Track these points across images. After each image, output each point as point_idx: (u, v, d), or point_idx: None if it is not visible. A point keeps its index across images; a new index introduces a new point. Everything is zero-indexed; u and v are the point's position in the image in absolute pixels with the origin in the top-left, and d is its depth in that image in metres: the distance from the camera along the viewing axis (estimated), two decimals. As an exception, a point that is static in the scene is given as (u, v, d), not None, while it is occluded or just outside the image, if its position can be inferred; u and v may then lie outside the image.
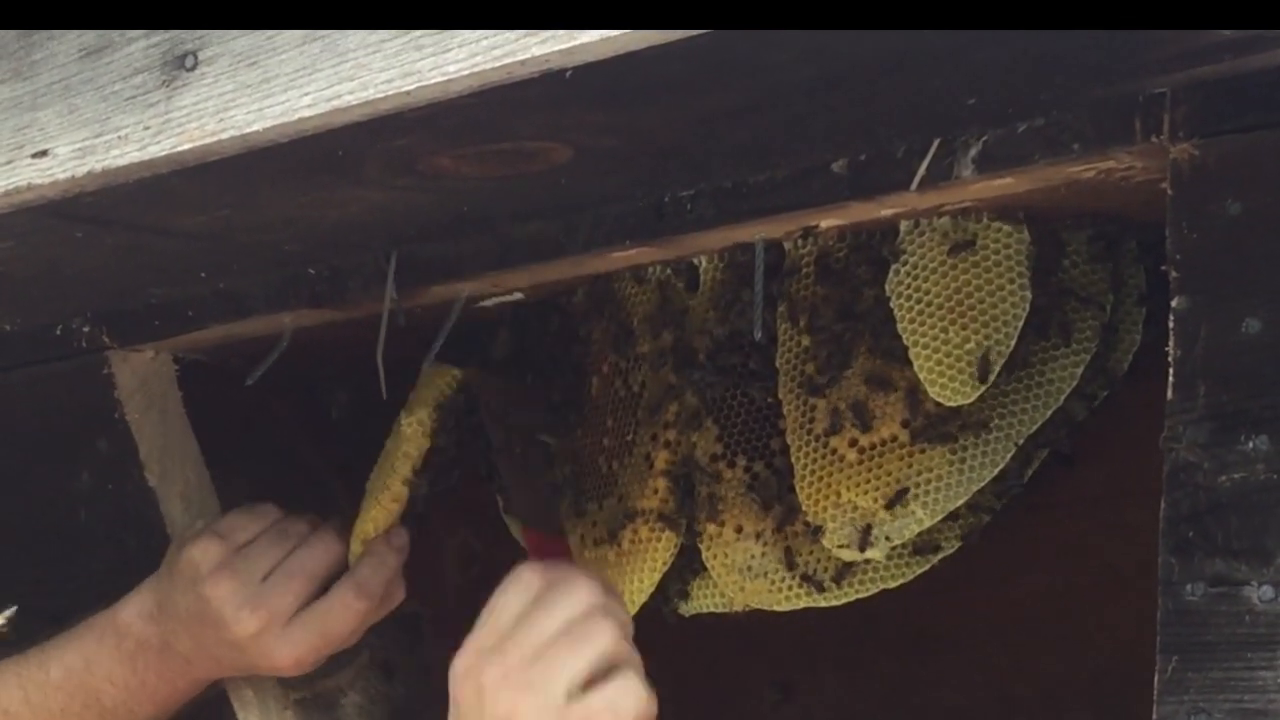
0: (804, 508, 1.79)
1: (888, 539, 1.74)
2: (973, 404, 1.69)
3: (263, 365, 1.93)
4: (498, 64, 1.26)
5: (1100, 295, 1.72)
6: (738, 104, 1.44)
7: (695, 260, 1.86)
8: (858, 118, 1.51)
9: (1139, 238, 1.71)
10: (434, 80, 1.29)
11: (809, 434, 1.79)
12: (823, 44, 1.30)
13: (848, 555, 1.76)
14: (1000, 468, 1.72)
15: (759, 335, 1.77)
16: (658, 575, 1.87)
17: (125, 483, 2.03)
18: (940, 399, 1.69)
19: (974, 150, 1.55)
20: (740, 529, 1.84)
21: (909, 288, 1.71)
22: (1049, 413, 1.71)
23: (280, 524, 1.81)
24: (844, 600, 1.81)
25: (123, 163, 1.44)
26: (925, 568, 1.79)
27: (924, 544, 1.77)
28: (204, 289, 1.94)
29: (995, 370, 1.67)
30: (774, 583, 1.83)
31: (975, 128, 1.55)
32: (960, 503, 1.72)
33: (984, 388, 1.68)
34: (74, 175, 1.46)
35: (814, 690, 2.10)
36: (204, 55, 1.39)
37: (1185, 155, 1.45)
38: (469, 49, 1.27)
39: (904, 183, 1.60)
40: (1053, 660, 1.95)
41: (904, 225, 1.72)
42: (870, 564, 1.78)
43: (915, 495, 1.73)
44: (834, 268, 1.78)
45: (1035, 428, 1.72)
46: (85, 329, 2.03)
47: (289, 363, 1.93)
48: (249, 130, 1.38)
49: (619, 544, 1.89)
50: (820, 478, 1.78)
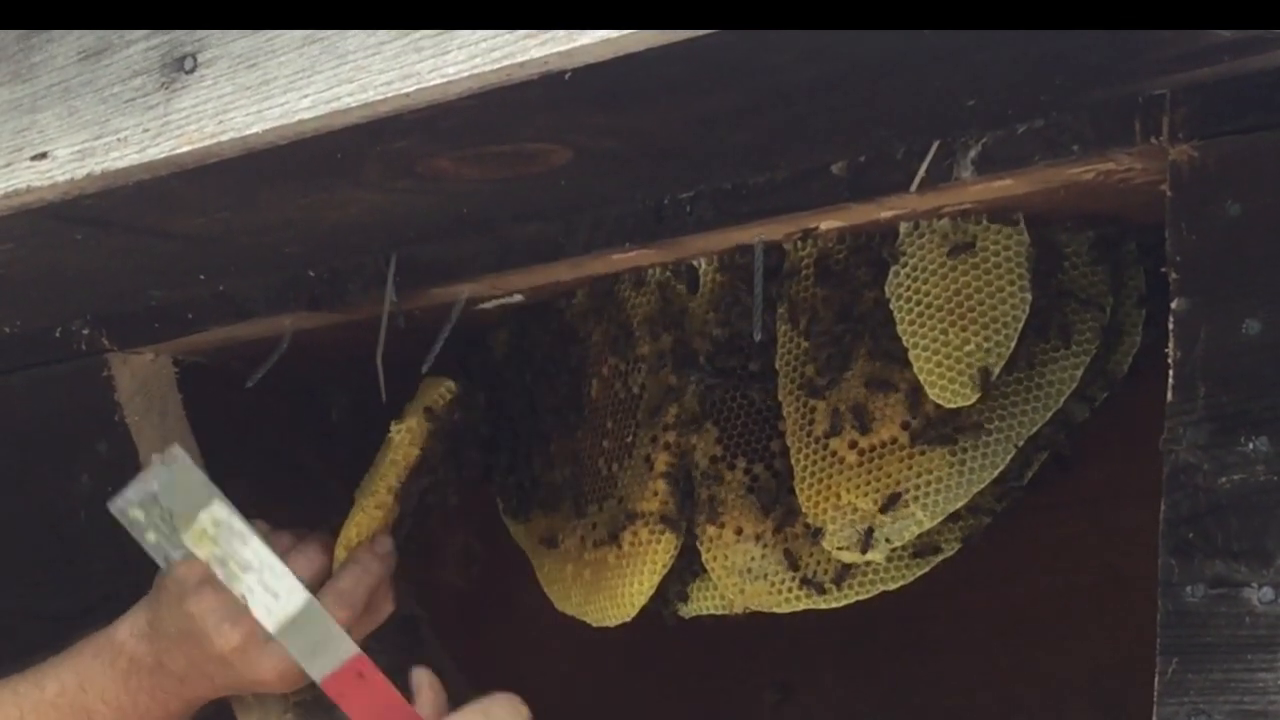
0: (804, 510, 1.79)
1: (888, 541, 1.74)
2: (972, 406, 1.69)
3: (263, 368, 1.93)
4: (497, 66, 1.26)
5: (1100, 297, 1.72)
6: (737, 106, 1.44)
7: (695, 262, 1.86)
8: (857, 119, 1.51)
9: (1139, 239, 1.71)
10: (433, 82, 1.29)
11: (809, 436, 1.79)
12: (822, 45, 1.30)
13: (848, 557, 1.76)
14: (1000, 469, 1.72)
15: (759, 337, 1.77)
16: (658, 577, 1.87)
17: (125, 485, 2.03)
18: (940, 401, 1.69)
19: (973, 152, 1.55)
20: (740, 531, 1.84)
21: (909, 289, 1.71)
22: (1049, 414, 1.71)
23: (266, 539, 1.80)
24: (844, 602, 1.81)
25: (122, 165, 1.44)
26: (925, 569, 1.78)
27: (924, 546, 1.77)
28: (204, 291, 1.94)
29: (995, 372, 1.67)
30: (774, 585, 1.82)
31: (975, 129, 1.55)
32: (960, 504, 1.72)
33: (984, 390, 1.68)
34: (73, 178, 1.46)
35: (814, 691, 2.10)
36: (203, 58, 1.39)
37: (1185, 157, 1.45)
38: (468, 51, 1.27)
39: (903, 184, 1.60)
40: (1053, 662, 1.94)
41: (904, 227, 1.72)
42: (870, 566, 1.78)
43: (915, 497, 1.72)
44: (834, 269, 1.78)
45: (1035, 429, 1.72)
46: (85, 331, 2.03)
47: (289, 365, 1.93)
48: (248, 132, 1.38)
49: (619, 546, 1.89)
50: (820, 480, 1.78)
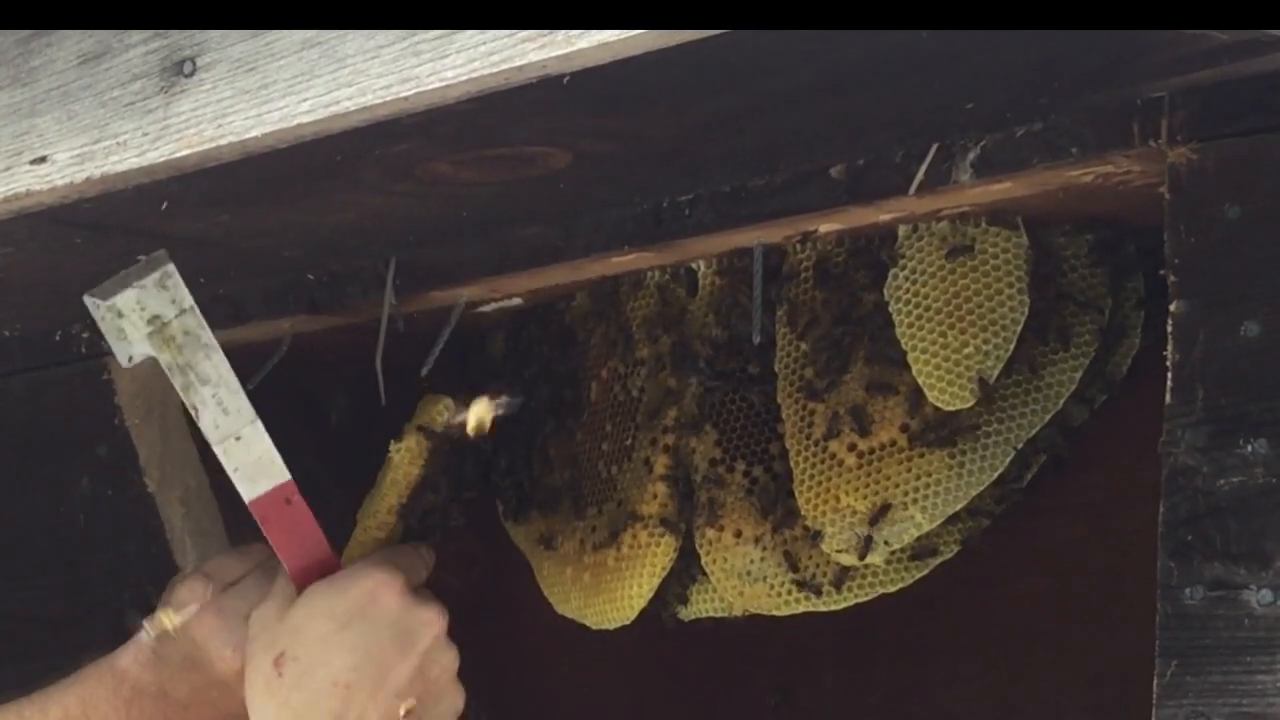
0: (803, 512, 1.79)
1: (886, 543, 1.74)
2: (971, 408, 1.69)
3: (262, 371, 1.93)
4: (495, 69, 1.26)
5: (1099, 299, 1.72)
6: (736, 109, 1.44)
7: (694, 265, 1.86)
8: (855, 122, 1.51)
9: (1137, 242, 1.71)
10: (432, 86, 1.29)
11: (808, 439, 1.79)
12: (820, 49, 1.30)
13: (847, 560, 1.76)
14: (999, 472, 1.72)
15: (758, 340, 1.77)
16: (657, 579, 1.87)
17: (125, 488, 2.03)
18: (939, 404, 1.69)
19: (972, 155, 1.55)
20: (739, 533, 1.84)
21: (907, 292, 1.71)
22: (1048, 417, 1.71)
23: (268, 564, 1.80)
24: (843, 605, 1.81)
25: (121, 169, 1.44)
26: (924, 572, 1.78)
27: (923, 548, 1.77)
28: (203, 295, 1.92)
29: (994, 375, 1.67)
30: (773, 587, 1.82)
31: (973, 132, 1.55)
32: (959, 507, 1.72)
33: (982, 392, 1.68)
34: (73, 181, 1.46)
35: (814, 694, 2.10)
36: (202, 61, 1.39)
37: (1183, 159, 1.45)
38: (466, 55, 1.27)
39: (902, 187, 1.60)
40: (1052, 664, 1.94)
41: (902, 230, 1.72)
42: (869, 568, 1.78)
43: (914, 499, 1.72)
44: (833, 272, 1.78)
45: (1034, 432, 1.72)
46: (85, 335, 2.03)
47: (288, 368, 1.93)
48: (247, 136, 1.38)
49: (618, 548, 1.89)
50: (819, 482, 1.78)
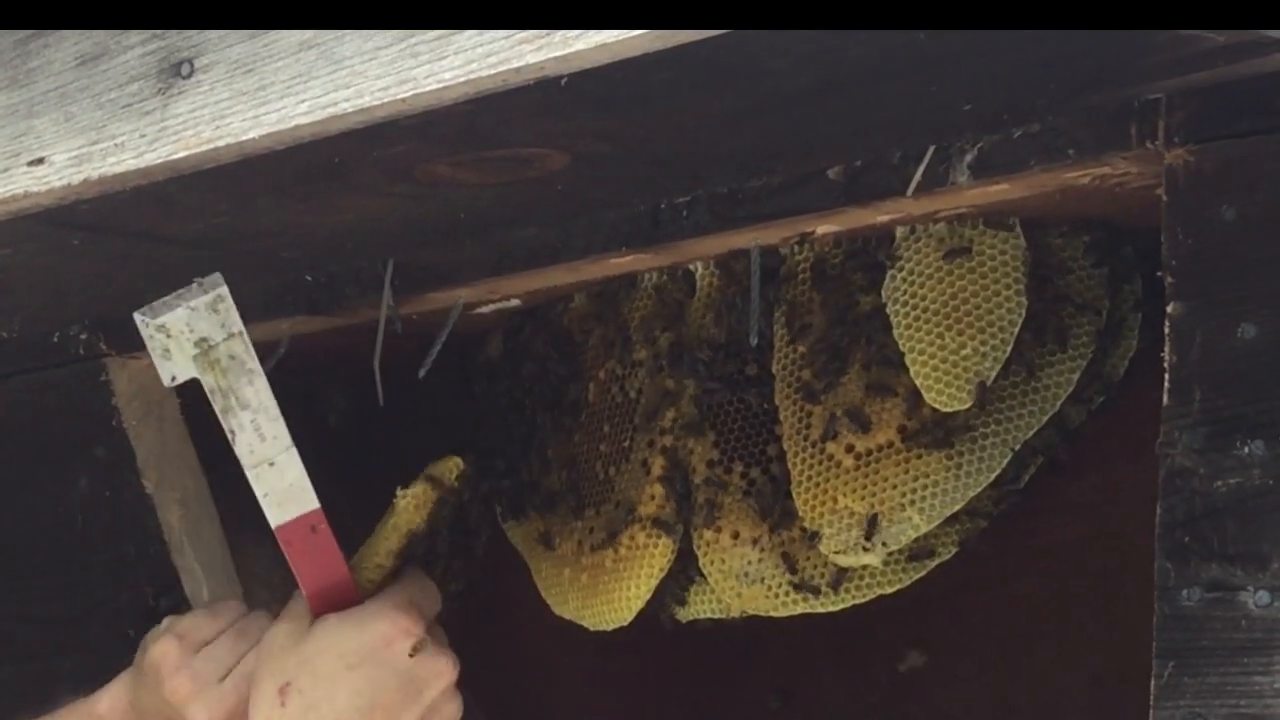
0: (801, 514, 1.79)
1: (884, 545, 1.74)
2: (969, 409, 1.69)
3: (260, 372, 1.93)
4: (493, 71, 1.26)
5: (1096, 301, 1.72)
6: (733, 110, 1.44)
7: (692, 266, 1.86)
8: (853, 124, 1.51)
9: (1135, 243, 1.71)
10: (430, 88, 1.29)
11: (806, 440, 1.79)
12: (818, 50, 1.30)
13: (845, 561, 1.76)
14: (996, 473, 1.72)
15: (755, 341, 1.77)
16: (655, 581, 1.87)
17: (123, 489, 2.03)
18: (936, 405, 1.69)
19: (969, 156, 1.56)
20: (737, 535, 1.84)
21: (905, 293, 1.71)
22: (1045, 418, 1.72)
23: (242, 623, 1.80)
24: (841, 606, 1.81)
25: (119, 170, 1.44)
26: (922, 573, 1.78)
27: (920, 549, 1.77)
28: (200, 295, 1.94)
29: (991, 376, 1.68)
30: (771, 589, 1.82)
31: (971, 134, 1.55)
32: (957, 508, 1.72)
33: (980, 394, 1.68)
34: (70, 183, 1.46)
35: (814, 696, 2.10)
36: (200, 63, 1.39)
37: (1180, 161, 1.45)
38: (464, 56, 1.27)
39: (900, 189, 1.60)
40: (1050, 665, 1.94)
41: (900, 231, 1.72)
42: (867, 570, 1.78)
43: (911, 501, 1.72)
44: (830, 274, 1.78)
45: (1031, 433, 1.72)
46: (83, 336, 2.03)
47: (286, 369, 1.92)
48: (245, 138, 1.38)
49: (616, 549, 1.89)
50: (817, 484, 1.78)
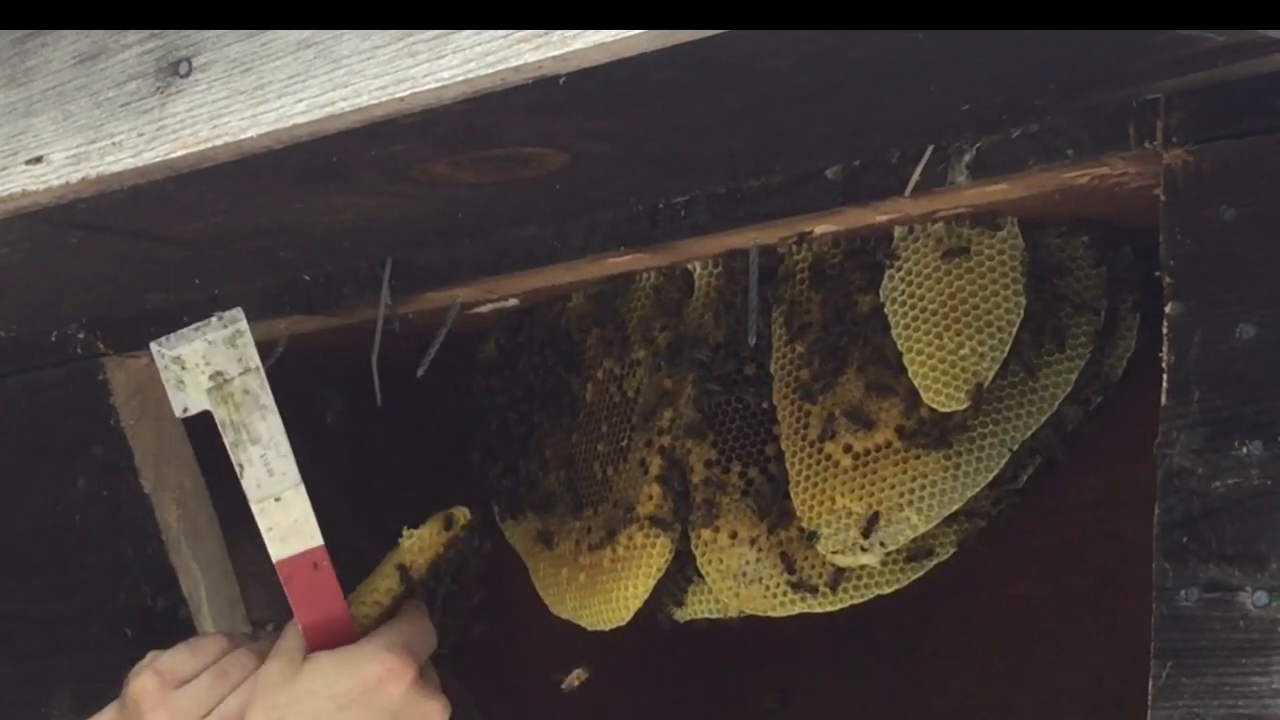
0: (799, 513, 1.79)
1: (882, 545, 1.74)
2: (967, 409, 1.69)
3: (258, 371, 1.93)
4: (491, 70, 1.26)
5: (1095, 301, 1.72)
6: (732, 110, 1.44)
7: (690, 266, 1.86)
8: (851, 123, 1.51)
9: (1133, 243, 1.71)
10: (428, 87, 1.29)
11: (804, 440, 1.79)
12: (817, 50, 1.30)
13: (843, 561, 1.76)
14: (995, 473, 1.72)
15: (753, 341, 1.77)
16: (653, 581, 1.87)
17: (120, 489, 2.03)
18: (934, 405, 1.69)
19: (968, 156, 1.55)
20: (735, 535, 1.84)
21: (903, 293, 1.71)
22: (1044, 418, 1.72)
23: (223, 661, 1.79)
24: (839, 606, 1.81)
25: (117, 169, 1.44)
26: (920, 573, 1.78)
27: (919, 549, 1.77)
28: (199, 295, 1.93)
29: (989, 376, 1.67)
30: (769, 589, 1.82)
31: (969, 133, 1.55)
32: (955, 508, 1.72)
33: (978, 394, 1.68)
34: (68, 182, 1.46)
35: (812, 696, 2.10)
36: (198, 62, 1.39)
37: (1179, 161, 1.45)
38: (462, 55, 1.27)
39: (898, 188, 1.60)
40: (1048, 666, 1.94)
41: (898, 231, 1.72)
42: (865, 570, 1.78)
43: (909, 501, 1.73)
44: (828, 273, 1.78)
45: (1030, 433, 1.72)
46: (80, 335, 2.02)
47: (284, 369, 1.92)
48: (243, 137, 1.38)
49: (614, 549, 1.89)
50: (815, 483, 1.78)
